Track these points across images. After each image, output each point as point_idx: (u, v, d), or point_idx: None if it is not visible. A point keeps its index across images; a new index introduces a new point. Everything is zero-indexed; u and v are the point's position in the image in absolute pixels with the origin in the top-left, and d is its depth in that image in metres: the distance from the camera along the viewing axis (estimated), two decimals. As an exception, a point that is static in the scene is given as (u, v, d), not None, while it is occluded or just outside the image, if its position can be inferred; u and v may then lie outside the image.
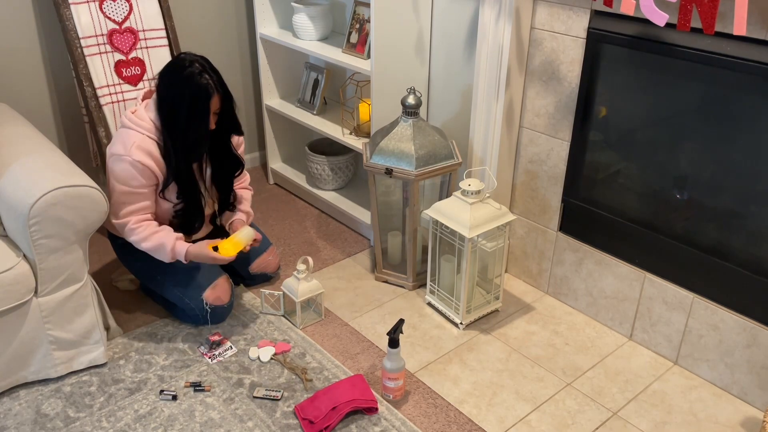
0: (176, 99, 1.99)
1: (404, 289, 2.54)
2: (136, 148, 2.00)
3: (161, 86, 2.03)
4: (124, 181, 2.03)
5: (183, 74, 1.98)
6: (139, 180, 2.03)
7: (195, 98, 1.98)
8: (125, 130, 2.04)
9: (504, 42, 2.22)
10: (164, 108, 2.02)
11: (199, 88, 1.98)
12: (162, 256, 2.10)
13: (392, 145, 2.36)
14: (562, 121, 2.26)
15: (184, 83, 1.98)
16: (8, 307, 1.87)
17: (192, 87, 1.98)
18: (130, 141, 2.01)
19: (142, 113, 2.06)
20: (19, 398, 2.00)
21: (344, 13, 3.04)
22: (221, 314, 2.31)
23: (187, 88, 1.98)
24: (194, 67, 1.99)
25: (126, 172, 2.02)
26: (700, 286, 2.07)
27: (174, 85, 2.00)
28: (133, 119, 2.05)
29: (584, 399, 2.05)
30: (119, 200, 2.06)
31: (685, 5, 1.68)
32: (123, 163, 2.01)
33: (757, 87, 1.78)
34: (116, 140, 2.05)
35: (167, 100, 2.02)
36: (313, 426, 1.88)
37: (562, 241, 2.40)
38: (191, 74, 1.98)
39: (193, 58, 2.02)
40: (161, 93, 2.03)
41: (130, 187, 2.04)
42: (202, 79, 1.98)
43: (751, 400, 2.02)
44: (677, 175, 2.05)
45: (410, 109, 2.37)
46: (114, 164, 2.03)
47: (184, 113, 2.00)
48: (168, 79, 2.02)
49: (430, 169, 2.36)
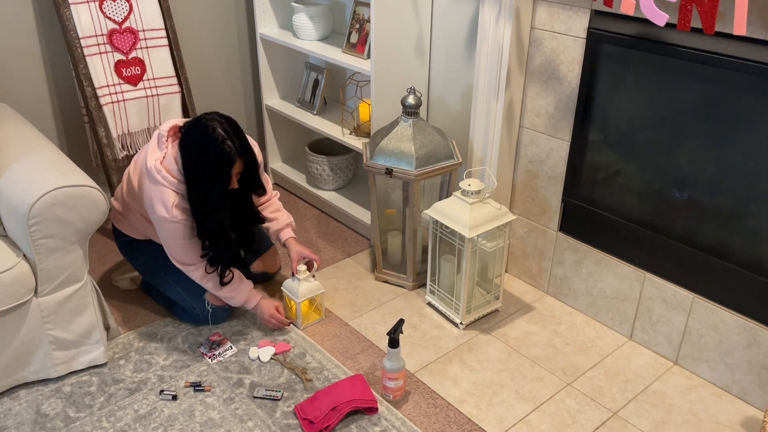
0: (199, 160, 1.98)
1: (404, 289, 2.54)
2: (175, 209, 2.02)
3: (185, 148, 2.01)
4: (177, 237, 2.07)
5: (206, 138, 1.96)
6: (191, 233, 2.08)
7: (218, 163, 1.97)
8: (160, 188, 2.01)
9: (504, 42, 2.22)
10: (188, 167, 2.01)
11: (222, 155, 1.96)
12: (233, 302, 2.24)
13: (392, 145, 2.36)
14: (562, 121, 2.26)
15: (207, 148, 1.96)
16: (8, 307, 1.87)
17: (215, 153, 1.96)
18: (169, 202, 2.01)
19: (172, 166, 2.02)
20: (19, 398, 2.00)
21: (344, 13, 3.04)
22: (222, 315, 2.31)
23: (210, 153, 1.96)
24: (217, 134, 1.96)
25: (176, 231, 2.05)
26: (700, 286, 2.07)
27: (197, 147, 1.99)
28: (165, 176, 2.00)
29: (584, 399, 2.05)
30: (180, 251, 2.10)
31: (685, 5, 1.68)
32: (169, 224, 2.04)
33: (757, 87, 1.78)
34: (154, 200, 2.02)
35: (191, 160, 2.00)
36: (313, 426, 1.88)
37: (562, 241, 2.40)
38: (214, 140, 1.96)
39: (217, 123, 1.98)
40: (186, 152, 2.01)
41: (184, 240, 2.07)
42: (225, 146, 1.96)
43: (751, 400, 2.02)
44: (677, 175, 2.05)
45: (410, 109, 2.37)
46: (162, 225, 2.05)
47: (207, 175, 1.99)
48: (192, 141, 2.00)
49: (430, 169, 2.36)
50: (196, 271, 2.14)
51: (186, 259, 2.12)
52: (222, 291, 2.19)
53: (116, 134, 2.64)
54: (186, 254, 2.11)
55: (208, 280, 2.16)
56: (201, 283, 2.17)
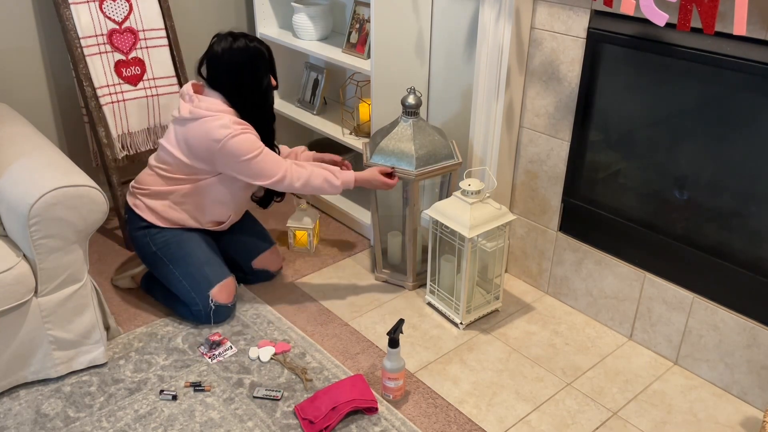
0: (242, 74, 2.16)
1: (404, 289, 2.54)
2: (234, 123, 2.12)
3: (222, 76, 2.17)
4: (249, 150, 2.13)
5: (235, 52, 2.15)
6: (257, 140, 2.16)
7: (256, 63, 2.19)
8: (209, 119, 2.12)
9: (504, 42, 2.22)
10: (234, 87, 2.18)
11: (256, 53, 2.18)
12: (332, 191, 2.25)
13: (392, 145, 2.36)
14: (562, 121, 2.26)
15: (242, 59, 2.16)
16: (8, 307, 1.87)
17: (250, 57, 2.17)
18: (225, 121, 2.11)
19: (212, 102, 2.16)
20: (19, 398, 2.00)
21: (344, 13, 3.04)
22: (224, 314, 2.32)
23: (247, 61, 2.17)
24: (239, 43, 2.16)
25: (246, 140, 2.12)
26: (700, 286, 2.07)
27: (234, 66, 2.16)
28: (209, 108, 2.14)
29: (584, 399, 2.05)
30: (261, 165, 2.15)
31: (685, 5, 1.68)
32: (236, 139, 2.10)
33: (757, 87, 1.78)
34: (209, 130, 2.11)
35: (234, 80, 2.17)
36: (313, 426, 1.88)
37: (562, 241, 2.40)
38: (243, 49, 2.16)
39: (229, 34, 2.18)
40: (226, 79, 2.18)
41: (257, 149, 2.13)
42: (252, 46, 2.18)
43: (751, 400, 2.02)
44: (677, 175, 2.05)
45: (410, 109, 2.37)
46: (229, 144, 2.10)
47: (252, 78, 2.19)
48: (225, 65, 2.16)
49: (430, 169, 2.36)
50: (285, 180, 2.17)
51: (272, 170, 2.16)
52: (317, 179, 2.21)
53: (116, 134, 2.64)
54: (268, 165, 2.15)
55: (299, 178, 2.19)
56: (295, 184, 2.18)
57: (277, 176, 2.17)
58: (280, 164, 2.18)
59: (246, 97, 2.20)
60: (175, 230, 2.30)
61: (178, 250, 2.27)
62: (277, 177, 2.17)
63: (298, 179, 2.19)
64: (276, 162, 2.17)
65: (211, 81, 2.21)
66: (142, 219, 2.29)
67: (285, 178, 2.18)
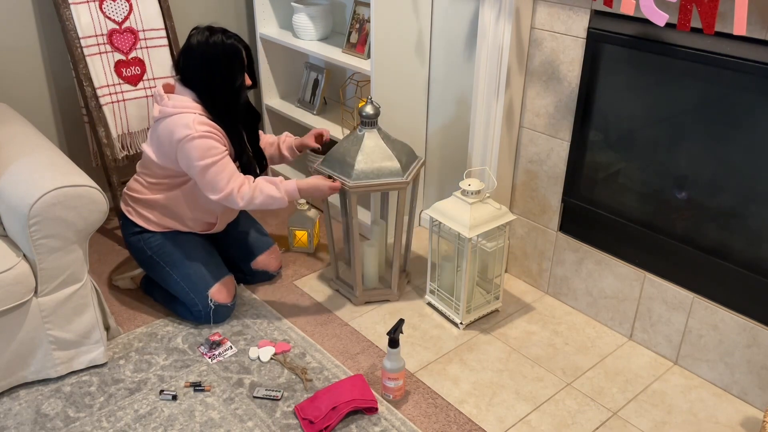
0: (212, 68, 2.10)
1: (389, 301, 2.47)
2: (198, 124, 2.07)
3: (192, 66, 2.12)
4: (205, 156, 2.07)
5: (210, 46, 2.09)
6: (217, 146, 2.10)
7: (230, 59, 2.11)
8: (175, 117, 2.09)
9: (504, 42, 2.22)
10: (202, 82, 2.12)
11: (231, 50, 2.11)
12: (278, 202, 2.17)
13: (341, 151, 2.29)
14: (562, 121, 2.26)
15: (215, 52, 2.09)
16: (8, 307, 1.87)
17: (223, 51, 2.10)
18: (189, 120, 2.07)
19: (182, 99, 2.12)
20: (19, 398, 2.00)
21: (344, 13, 3.04)
22: (223, 314, 2.32)
23: (221, 56, 2.10)
24: (216, 37, 2.09)
25: (203, 145, 2.07)
26: (700, 286, 2.07)
27: (205, 57, 2.09)
28: (177, 105, 2.10)
29: (584, 399, 2.05)
30: (212, 176, 2.09)
31: (685, 5, 1.68)
32: (196, 141, 2.06)
33: (757, 87, 1.78)
34: (172, 128, 2.08)
35: (204, 74, 2.11)
36: (313, 426, 1.88)
37: (562, 241, 2.40)
38: (217, 43, 2.09)
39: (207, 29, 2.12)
40: (195, 71, 2.12)
41: (212, 157, 2.08)
42: (228, 41, 2.11)
43: (751, 400, 2.02)
44: (677, 175, 2.05)
45: (367, 119, 2.27)
46: (187, 146, 2.06)
47: (224, 75, 2.11)
48: (197, 55, 2.11)
49: (368, 183, 2.23)
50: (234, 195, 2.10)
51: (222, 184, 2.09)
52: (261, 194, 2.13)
53: (116, 134, 2.64)
54: (220, 176, 2.09)
55: (256, 192, 2.13)
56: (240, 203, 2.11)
57: (224, 192, 2.09)
58: (232, 180, 2.10)
59: (216, 95, 2.13)
60: (170, 233, 2.30)
61: (174, 253, 2.26)
62: (224, 193, 2.09)
63: (242, 198, 2.11)
64: (229, 177, 2.09)
65: (183, 76, 2.16)
66: (135, 224, 2.29)
67: (230, 195, 2.10)
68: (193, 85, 2.13)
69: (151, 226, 2.28)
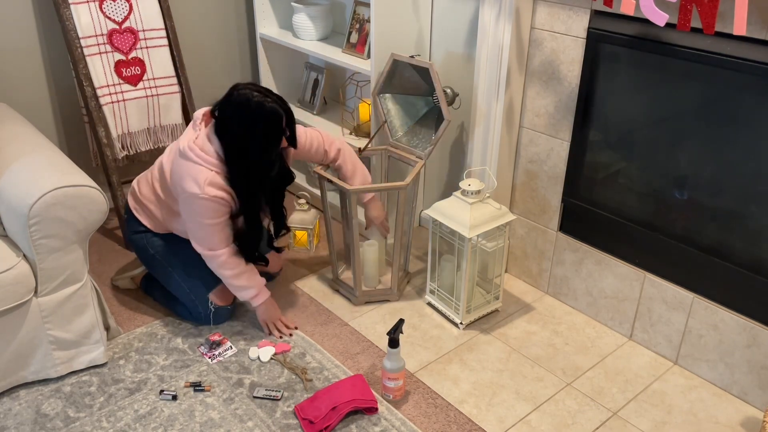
0: (249, 132, 1.98)
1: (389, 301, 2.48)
2: (209, 186, 1.99)
3: (230, 124, 2.00)
4: (205, 217, 2.04)
5: (250, 106, 1.97)
6: (221, 211, 2.05)
7: (269, 126, 1.99)
8: (193, 165, 2.01)
9: (504, 42, 2.22)
10: (235, 144, 2.01)
11: (272, 114, 1.98)
12: (241, 295, 2.19)
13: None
14: (562, 121, 2.26)
15: (254, 115, 1.97)
16: (8, 307, 1.87)
17: (264, 116, 1.98)
18: (202, 178, 1.99)
19: (207, 147, 2.02)
20: (19, 398, 2.00)
21: (344, 13, 3.04)
22: (224, 315, 2.32)
23: (259, 118, 1.97)
24: (256, 97, 1.97)
25: (205, 208, 2.02)
26: (700, 286, 2.07)
27: (243, 119, 1.98)
28: (199, 154, 2.01)
29: (584, 399, 2.05)
30: (205, 234, 2.08)
31: (685, 5, 1.68)
32: (200, 201, 2.01)
33: (757, 87, 1.78)
34: (185, 176, 2.01)
35: (239, 135, 1.99)
36: (313, 426, 1.88)
37: (562, 241, 2.40)
38: (259, 104, 1.97)
39: (249, 87, 2.00)
40: (231, 129, 2.00)
41: (215, 219, 2.05)
42: (269, 105, 1.98)
43: (751, 400, 2.02)
44: (677, 175, 2.05)
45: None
46: (190, 201, 2.03)
47: (259, 142, 2.00)
48: (234, 115, 1.99)
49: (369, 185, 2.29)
50: (218, 258, 2.11)
51: (211, 243, 2.09)
52: (238, 280, 2.15)
53: (116, 134, 2.64)
54: (211, 237, 2.08)
55: (227, 269, 2.13)
56: (219, 271, 2.14)
57: (210, 252, 2.10)
58: (219, 245, 2.09)
59: (241, 161, 2.02)
60: (173, 234, 2.29)
61: (176, 253, 2.26)
62: (209, 253, 2.10)
63: (225, 269, 2.12)
64: (219, 242, 2.08)
65: (217, 126, 2.04)
66: (140, 223, 2.29)
67: (215, 257, 2.10)
68: (222, 138, 2.02)
69: (156, 227, 2.28)
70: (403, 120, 2.53)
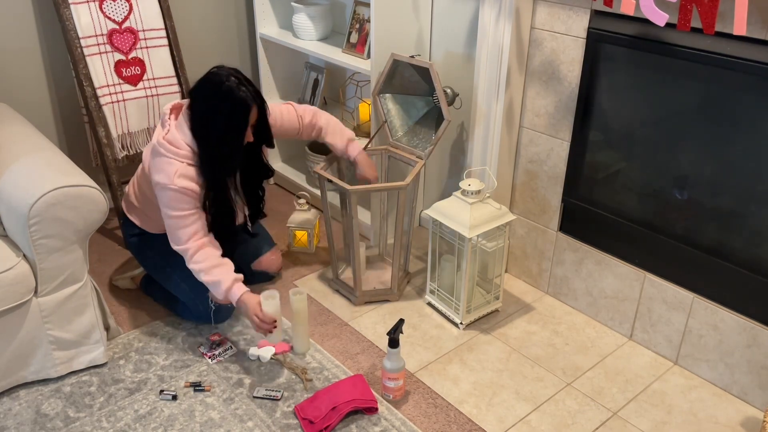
0: (213, 113, 1.98)
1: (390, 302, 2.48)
2: (179, 177, 2.00)
3: (196, 102, 2.02)
4: (174, 207, 2.04)
5: (221, 89, 1.96)
6: (188, 203, 2.04)
7: (234, 112, 1.98)
8: (164, 159, 2.02)
9: (504, 42, 2.22)
10: (199, 123, 2.01)
11: (238, 102, 1.97)
12: (216, 292, 2.11)
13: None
14: (562, 121, 2.26)
15: (222, 97, 1.97)
16: (8, 307, 1.87)
17: (231, 100, 1.97)
18: (173, 170, 2.00)
19: (177, 140, 2.03)
20: (19, 398, 2.00)
21: (344, 13, 3.04)
22: (224, 314, 2.31)
23: (226, 102, 1.97)
24: (231, 81, 1.97)
25: (173, 199, 2.03)
26: (700, 286, 2.07)
27: (210, 99, 1.99)
28: (169, 149, 2.01)
29: (584, 399, 2.05)
30: (175, 225, 2.07)
31: (685, 5, 1.68)
32: (169, 192, 2.01)
33: (757, 87, 1.78)
34: (158, 170, 2.03)
35: (203, 115, 2.00)
36: (313, 426, 1.88)
37: (562, 241, 2.40)
38: (230, 89, 1.96)
39: (229, 72, 2.00)
40: (197, 109, 2.02)
41: (180, 211, 2.05)
42: (240, 92, 1.97)
43: (751, 400, 2.02)
44: (677, 175, 2.05)
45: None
46: (161, 193, 2.04)
47: (221, 127, 1.99)
48: (204, 94, 2.01)
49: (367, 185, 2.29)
50: (186, 253, 2.09)
51: (174, 237, 2.07)
52: (208, 276, 2.10)
53: (116, 134, 2.64)
54: (176, 231, 2.06)
55: (195, 263, 2.09)
56: (190, 266, 2.10)
57: (179, 247, 2.07)
58: (191, 240, 2.06)
59: (202, 141, 2.01)
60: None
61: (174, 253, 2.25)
62: (179, 247, 2.08)
63: (194, 263, 2.07)
64: (190, 235, 2.06)
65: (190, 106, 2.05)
66: (135, 226, 2.29)
67: (185, 252, 2.07)
68: (192, 121, 2.03)
69: (151, 227, 2.28)
70: (403, 120, 2.53)
